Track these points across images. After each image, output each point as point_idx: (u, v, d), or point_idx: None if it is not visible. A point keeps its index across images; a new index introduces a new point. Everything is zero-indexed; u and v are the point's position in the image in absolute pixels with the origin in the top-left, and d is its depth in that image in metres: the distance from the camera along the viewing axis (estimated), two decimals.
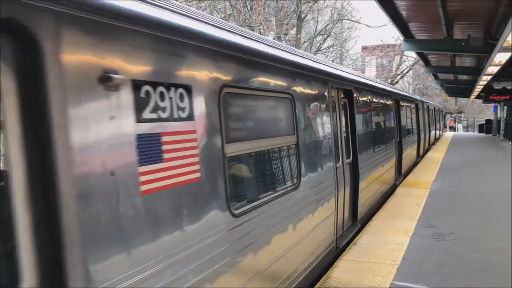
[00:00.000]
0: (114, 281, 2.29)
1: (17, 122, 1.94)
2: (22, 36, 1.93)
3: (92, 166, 2.21)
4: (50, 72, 2.01)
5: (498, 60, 13.25)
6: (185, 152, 2.96)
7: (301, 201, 5.06)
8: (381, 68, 50.20)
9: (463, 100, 59.15)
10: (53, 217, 2.01)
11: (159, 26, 2.76)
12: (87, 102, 2.20)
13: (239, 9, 21.74)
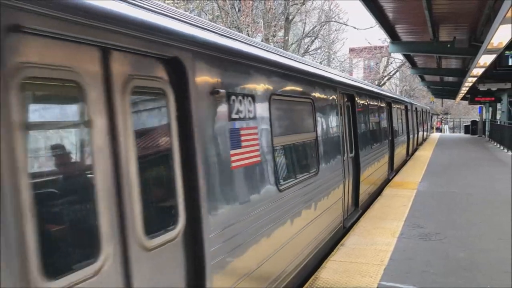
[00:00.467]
0: (224, 225, 3.62)
1: (175, 117, 3.15)
2: (177, 65, 3.14)
3: (211, 148, 3.53)
4: (190, 86, 3.23)
5: (483, 62, 13.40)
6: (251, 142, 4.23)
7: (320, 185, 6.30)
8: (369, 69, 50.54)
9: (449, 102, 59.80)
10: (195, 183, 3.23)
11: (242, 56, 4.23)
12: (206, 106, 3.51)
13: (227, 11, 21.71)
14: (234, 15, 21.71)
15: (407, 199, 10.48)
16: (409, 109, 20.21)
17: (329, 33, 34.72)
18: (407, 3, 12.59)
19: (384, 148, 12.54)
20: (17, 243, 1.95)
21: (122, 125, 2.61)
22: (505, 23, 7.96)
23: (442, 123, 61.88)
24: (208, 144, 3.49)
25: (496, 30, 8.56)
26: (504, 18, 7.40)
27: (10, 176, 1.94)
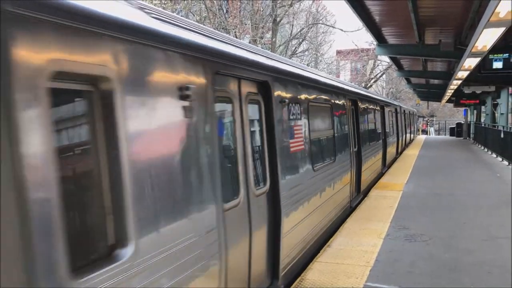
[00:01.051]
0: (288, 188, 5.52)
1: (264, 116, 5.03)
2: (265, 85, 4.99)
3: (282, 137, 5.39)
4: (272, 97, 5.06)
5: (468, 65, 13.55)
6: (299, 135, 6.19)
7: (336, 170, 8.31)
8: (355, 72, 50.86)
9: (435, 104, 60.42)
10: (275, 160, 5.10)
11: (294, 77, 6.31)
12: (279, 110, 5.33)
13: (214, 12, 21.67)
14: (221, 16, 21.67)
15: (393, 200, 10.56)
16: (399, 111, 22.33)
17: (317, 35, 34.88)
18: (393, 6, 12.69)
19: (378, 146, 14.55)
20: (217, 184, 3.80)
21: (246, 120, 4.56)
22: (489, 27, 8.07)
23: (428, 126, 62.51)
24: (280, 134, 5.40)
25: (480, 33, 8.67)
26: (488, 22, 7.50)
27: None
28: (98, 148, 2.52)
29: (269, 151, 5.09)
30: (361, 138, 10.96)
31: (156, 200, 2.92)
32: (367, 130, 12.33)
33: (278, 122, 5.29)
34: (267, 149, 5.05)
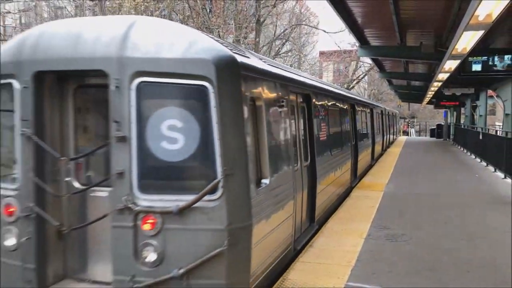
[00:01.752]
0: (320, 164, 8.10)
1: (307, 116, 7.74)
2: (307, 95, 7.81)
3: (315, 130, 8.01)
4: (311, 104, 7.86)
5: (448, 67, 13.75)
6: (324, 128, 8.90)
7: (343, 157, 10.92)
8: (338, 73, 51.22)
9: (416, 106, 61.21)
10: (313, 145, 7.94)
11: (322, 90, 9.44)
12: (315, 113, 8.08)
13: (198, 11, 21.57)
14: (205, 16, 21.58)
15: (374, 200, 10.65)
16: (384, 113, 25.45)
17: (300, 36, 35.00)
18: (375, 7, 12.79)
19: (369, 142, 17.26)
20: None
21: (300, 118, 7.24)
22: (469, 30, 8.19)
23: (409, 127, 63.29)
24: (315, 129, 7.94)
25: (460, 36, 8.80)
26: (467, 25, 7.62)
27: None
28: (262, 130, 5.38)
29: (310, 140, 7.78)
30: (357, 134, 13.78)
31: (274, 160, 5.64)
32: (360, 129, 14.92)
33: (314, 120, 7.97)
34: (308, 138, 7.72)
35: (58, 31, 4.85)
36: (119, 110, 4.42)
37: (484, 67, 12.84)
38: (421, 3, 11.93)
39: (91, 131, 5.25)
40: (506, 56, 12.57)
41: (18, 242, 4.74)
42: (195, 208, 4.31)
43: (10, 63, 4.81)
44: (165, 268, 4.33)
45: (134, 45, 4.45)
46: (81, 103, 5.13)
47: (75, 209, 4.98)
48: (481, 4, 6.49)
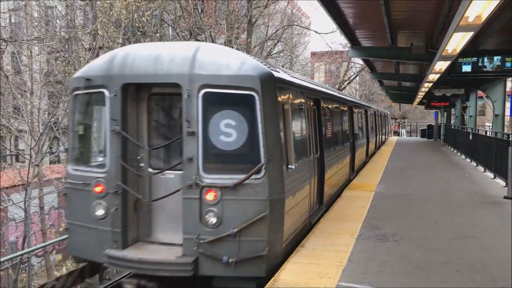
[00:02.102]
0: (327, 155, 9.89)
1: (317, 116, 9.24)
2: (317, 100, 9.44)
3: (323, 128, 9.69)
4: (320, 107, 9.48)
5: (438, 68, 13.84)
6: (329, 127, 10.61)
7: (344, 153, 12.46)
8: (330, 73, 51.37)
9: (406, 106, 61.55)
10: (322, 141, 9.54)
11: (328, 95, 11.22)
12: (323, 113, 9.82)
13: (189, 11, 21.51)
14: (197, 16, 21.53)
15: (365, 200, 10.68)
16: (377, 114, 26.75)
17: (292, 36, 35.02)
18: (366, 9, 12.86)
19: (364, 141, 18.53)
20: None
21: (312, 118, 8.78)
22: (459, 31, 8.26)
23: (400, 127, 63.60)
24: (323, 127, 9.41)
25: (450, 37, 8.87)
26: (457, 26, 7.68)
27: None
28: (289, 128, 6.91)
29: (319, 136, 9.23)
30: (355, 133, 15.24)
31: (296, 151, 7.14)
32: (358, 129, 16.46)
33: (323, 120, 9.55)
34: (318, 135, 9.13)
35: (140, 53, 6.56)
36: (189, 112, 6.06)
37: (474, 68, 12.94)
38: (412, 4, 12.01)
39: (159, 127, 6.95)
40: (496, 58, 12.69)
41: (106, 212, 6.34)
42: (245, 184, 5.95)
43: (102, 77, 6.47)
44: (222, 228, 5.94)
45: (200, 64, 6.11)
46: (152, 106, 6.77)
47: (147, 186, 6.66)
48: (471, 5, 6.54)
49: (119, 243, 6.30)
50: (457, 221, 8.80)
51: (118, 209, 6.30)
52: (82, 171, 6.74)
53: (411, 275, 5.90)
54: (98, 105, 6.81)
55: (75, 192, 6.69)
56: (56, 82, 16.96)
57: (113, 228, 6.31)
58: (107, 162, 6.47)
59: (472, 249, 6.99)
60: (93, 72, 6.60)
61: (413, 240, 7.50)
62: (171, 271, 6.05)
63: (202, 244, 5.95)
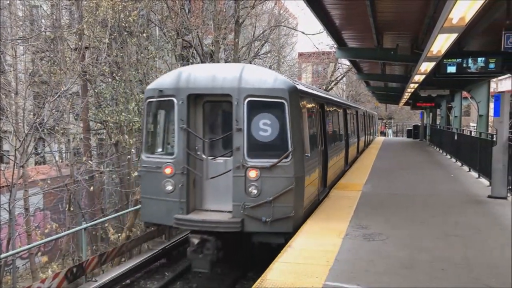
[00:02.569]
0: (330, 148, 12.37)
1: (322, 117, 11.46)
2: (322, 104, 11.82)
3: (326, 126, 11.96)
4: (324, 109, 11.89)
5: (424, 69, 13.98)
6: (330, 126, 12.83)
7: (341, 148, 14.89)
8: (317, 74, 51.57)
9: (393, 107, 62.02)
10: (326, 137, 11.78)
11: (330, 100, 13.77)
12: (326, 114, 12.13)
13: (176, 11, 21.41)
14: (184, 16, 21.44)
15: (352, 200, 10.76)
16: (366, 115, 28.80)
17: (279, 37, 35.08)
18: (353, 10, 12.94)
19: (356, 139, 20.63)
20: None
21: (319, 119, 11.04)
22: (443, 33, 8.36)
23: (386, 127, 64.09)
24: (327, 125, 11.74)
25: (435, 39, 8.97)
26: (442, 27, 7.77)
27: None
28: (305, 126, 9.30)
29: (323, 133, 11.32)
30: (348, 131, 17.05)
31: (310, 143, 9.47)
32: (351, 126, 18.29)
33: (326, 120, 11.67)
34: (322, 132, 11.19)
35: (200, 72, 8.94)
36: (238, 114, 8.32)
37: (458, 69, 13.07)
38: (398, 6, 12.12)
39: (210, 125, 9.21)
40: (479, 59, 12.83)
41: (174, 188, 8.63)
42: (277, 166, 8.23)
43: (171, 89, 8.81)
44: (261, 197, 8.21)
45: (245, 81, 8.44)
46: (206, 110, 9.06)
47: (204, 169, 8.95)
48: (455, 7, 6.63)
49: (184, 210, 8.63)
50: (442, 220, 8.91)
51: (184, 185, 8.62)
52: (154, 158, 9.08)
53: (397, 274, 5.96)
54: (167, 109, 9.21)
55: (148, 173, 8.99)
56: (41, 82, 16.74)
57: (180, 199, 8.63)
58: (175, 150, 8.80)
59: (456, 248, 7.09)
60: (164, 86, 8.92)
61: (399, 239, 7.57)
62: (226, 228, 8.37)
63: (247, 209, 8.25)
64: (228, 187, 8.54)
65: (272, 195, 8.16)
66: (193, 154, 8.75)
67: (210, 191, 8.97)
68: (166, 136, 9.54)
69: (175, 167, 8.65)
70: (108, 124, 15.73)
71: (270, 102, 8.42)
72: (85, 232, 10.14)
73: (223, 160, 8.82)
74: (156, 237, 12.36)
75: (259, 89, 8.39)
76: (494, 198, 10.85)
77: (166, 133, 9.51)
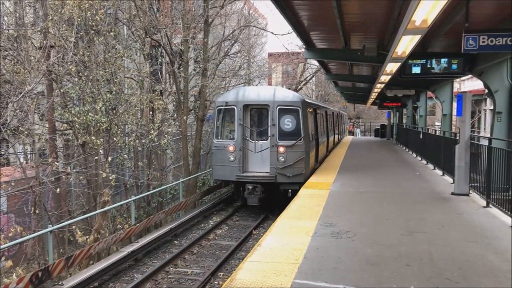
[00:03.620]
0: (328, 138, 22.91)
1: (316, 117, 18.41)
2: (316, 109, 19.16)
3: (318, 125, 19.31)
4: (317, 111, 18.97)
5: (389, 70, 14.31)
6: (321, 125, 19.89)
7: (326, 138, 21.51)
8: (287, 74, 51.92)
9: (361, 106, 63.09)
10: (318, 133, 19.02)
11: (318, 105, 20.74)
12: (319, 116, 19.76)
13: (144, 10, 21.17)
14: (152, 15, 21.21)
15: (321, 199, 10.92)
16: (340, 115, 35.33)
17: (249, 37, 35.16)
18: (321, 11, 13.11)
19: (332, 134, 25.85)
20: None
21: (312, 119, 16.90)
22: (407, 34, 8.59)
23: (355, 127, 65.12)
24: (317, 124, 18.38)
25: (400, 40, 9.21)
26: (405, 29, 7.99)
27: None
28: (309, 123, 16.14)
29: (315, 129, 17.38)
30: (327, 128, 22.49)
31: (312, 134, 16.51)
32: (329, 125, 23.57)
33: (317, 120, 17.81)
34: (315, 127, 17.18)
35: (249, 91, 15.66)
36: (272, 116, 14.48)
37: (423, 70, 13.44)
38: (364, 8, 12.36)
39: (253, 122, 15.14)
40: (443, 60, 13.23)
41: (235, 158, 14.71)
42: (295, 145, 14.50)
43: (233, 101, 15.02)
44: (286, 163, 14.42)
45: (276, 96, 14.77)
46: (252, 114, 15.05)
47: (251, 147, 14.92)
48: (417, 10, 6.83)
49: (241, 171, 14.71)
50: (408, 217, 9.15)
51: (241, 157, 14.65)
52: (222, 141, 15.21)
53: (364, 271, 6.10)
54: (229, 113, 15.20)
55: (218, 150, 15.09)
56: (4, 82, 16.26)
57: (239, 165, 14.70)
58: (235, 136, 14.87)
59: (421, 244, 7.30)
60: (228, 99, 15.23)
61: (366, 236, 7.74)
62: (267, 179, 14.51)
63: (278, 169, 14.40)
64: (266, 158, 14.70)
65: (293, 161, 14.40)
66: (246, 139, 14.93)
67: (255, 160, 14.98)
68: (229, 128, 15.50)
69: (236, 146, 14.79)
70: (75, 125, 15.41)
71: (290, 109, 14.75)
72: (52, 235, 9.92)
73: (262, 142, 14.90)
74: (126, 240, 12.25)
75: (284, 101, 14.76)
76: (457, 195, 11.21)
77: (229, 127, 15.49)
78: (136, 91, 19.42)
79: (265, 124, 14.97)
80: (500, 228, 8.23)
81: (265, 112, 14.93)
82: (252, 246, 11.32)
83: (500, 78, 13.35)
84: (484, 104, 30.37)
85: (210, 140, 21.72)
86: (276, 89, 15.64)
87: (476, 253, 6.78)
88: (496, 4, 10.96)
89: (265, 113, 14.97)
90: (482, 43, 9.62)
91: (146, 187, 18.95)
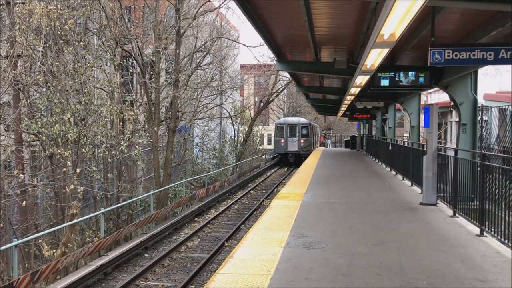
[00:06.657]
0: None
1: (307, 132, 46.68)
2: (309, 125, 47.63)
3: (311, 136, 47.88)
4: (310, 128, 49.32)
5: (359, 82, 14.59)
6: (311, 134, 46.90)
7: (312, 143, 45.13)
8: (259, 86, 52.29)
9: (331, 118, 64.08)
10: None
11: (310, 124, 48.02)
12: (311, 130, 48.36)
13: (115, 20, 21.00)
14: (123, 25, 21.05)
15: (293, 209, 10.96)
16: (314, 127, 49.16)
17: (221, 49, 35.29)
18: (291, 24, 13.30)
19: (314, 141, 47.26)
20: None
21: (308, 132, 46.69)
22: (376, 48, 8.79)
23: (326, 138, 65.98)
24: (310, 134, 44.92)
25: (369, 53, 9.42)
26: (374, 43, 8.18)
27: None
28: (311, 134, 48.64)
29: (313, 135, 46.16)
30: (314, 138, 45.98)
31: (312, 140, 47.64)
32: (312, 135, 43.98)
33: (311, 132, 43.88)
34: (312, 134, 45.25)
35: (289, 119, 45.92)
36: (298, 129, 42.96)
37: (391, 82, 13.75)
38: (334, 22, 12.62)
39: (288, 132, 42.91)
40: (410, 73, 13.58)
41: (284, 145, 43.15)
42: (307, 140, 42.43)
43: (283, 123, 43.56)
44: (303, 146, 42.16)
45: (299, 120, 44.01)
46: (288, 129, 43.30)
47: (288, 142, 43.15)
48: (385, 24, 7.02)
49: (286, 149, 42.53)
50: (378, 227, 9.29)
51: (286, 144, 42.59)
52: (278, 138, 42.97)
53: (335, 281, 6.14)
54: (281, 127, 43.06)
55: (277, 142, 43.19)
56: None
57: (285, 147, 42.24)
58: (284, 136, 42.36)
59: (391, 253, 7.41)
60: (280, 122, 43.95)
61: (338, 246, 7.81)
62: (296, 152, 41.93)
63: (300, 148, 41.77)
64: (295, 145, 41.47)
65: (307, 146, 41.35)
66: (287, 137, 41.56)
67: (290, 145, 41.63)
68: (281, 132, 42.48)
69: (284, 140, 41.73)
70: (42, 136, 15.06)
71: (305, 126, 42.48)
72: (17, 249, 9.62)
73: (293, 140, 41.57)
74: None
75: (303, 122, 42.91)
76: (425, 205, 11.46)
77: (281, 132, 42.60)
78: (106, 101, 19.17)
79: (294, 133, 41.61)
80: (466, 237, 8.45)
81: (295, 127, 41.81)
82: (224, 258, 11.25)
83: (465, 91, 13.80)
84: (450, 116, 31.27)
85: (182, 151, 27.89)
86: (300, 118, 44.75)
87: (444, 262, 6.93)
88: (460, 21, 11.38)
89: (295, 127, 41.82)
90: (447, 57, 9.93)
91: (116, 199, 18.63)
